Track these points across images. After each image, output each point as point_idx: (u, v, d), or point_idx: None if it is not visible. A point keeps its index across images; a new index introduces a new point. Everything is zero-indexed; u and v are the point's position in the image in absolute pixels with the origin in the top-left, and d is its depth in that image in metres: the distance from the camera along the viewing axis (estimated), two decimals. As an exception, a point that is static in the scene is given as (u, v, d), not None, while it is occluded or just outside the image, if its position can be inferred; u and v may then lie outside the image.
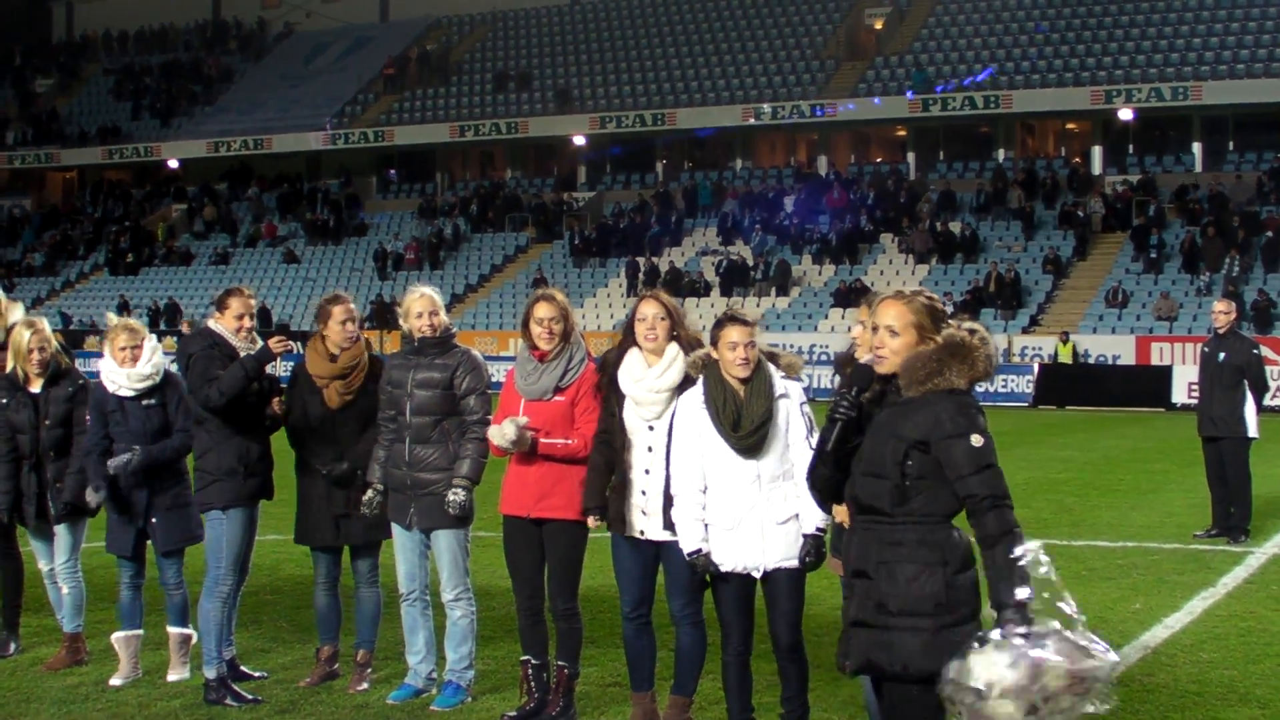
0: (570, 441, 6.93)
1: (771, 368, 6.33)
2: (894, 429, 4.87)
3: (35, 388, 8.23)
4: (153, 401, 7.78)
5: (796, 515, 6.21)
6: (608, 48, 55.19)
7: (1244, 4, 45.89)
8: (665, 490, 6.52)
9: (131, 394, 7.75)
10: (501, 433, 6.92)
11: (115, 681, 7.88)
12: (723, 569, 6.26)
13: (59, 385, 8.17)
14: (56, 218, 59.34)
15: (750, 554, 6.22)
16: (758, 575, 6.25)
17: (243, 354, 7.57)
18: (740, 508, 6.21)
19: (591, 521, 6.90)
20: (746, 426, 6.18)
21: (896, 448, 4.83)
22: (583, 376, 7.05)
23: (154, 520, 7.80)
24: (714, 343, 6.30)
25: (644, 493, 6.63)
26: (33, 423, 8.20)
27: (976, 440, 4.77)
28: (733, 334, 6.21)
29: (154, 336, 8.02)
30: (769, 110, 47.75)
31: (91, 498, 7.80)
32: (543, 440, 6.95)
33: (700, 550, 6.25)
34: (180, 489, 7.86)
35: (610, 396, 6.77)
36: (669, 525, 6.52)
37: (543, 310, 7.04)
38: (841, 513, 5.67)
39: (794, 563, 6.20)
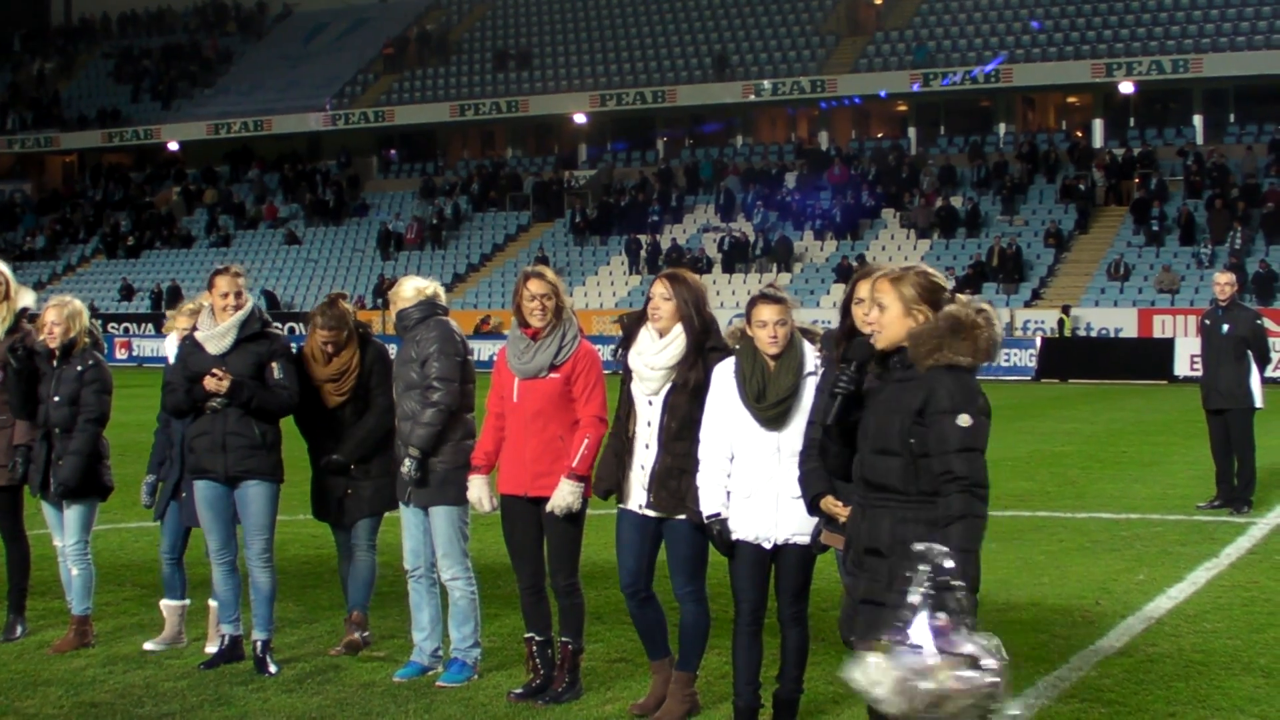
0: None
1: (807, 345, 6.36)
2: (900, 404, 4.87)
3: (56, 363, 8.33)
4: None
5: None
6: (607, 25, 55.07)
7: (1244, -25, 45.77)
8: (655, 463, 6.56)
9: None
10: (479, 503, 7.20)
11: (150, 645, 8.08)
12: (735, 536, 6.32)
13: (69, 364, 8.22)
14: (57, 202, 59.33)
15: (763, 524, 6.27)
16: (768, 546, 6.29)
17: (222, 338, 7.60)
18: (758, 478, 6.27)
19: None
20: (770, 399, 6.23)
21: (903, 423, 4.83)
22: (577, 354, 7.03)
23: (184, 495, 7.98)
24: (747, 319, 6.34)
25: (643, 467, 6.66)
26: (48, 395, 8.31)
27: (964, 420, 4.74)
28: (763, 313, 6.27)
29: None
30: (769, 86, 47.65)
31: (145, 498, 8.28)
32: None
33: (718, 515, 6.33)
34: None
35: (626, 367, 6.81)
36: (656, 502, 6.56)
37: (534, 287, 7.02)
38: (828, 504, 5.70)
39: (805, 539, 6.23)
